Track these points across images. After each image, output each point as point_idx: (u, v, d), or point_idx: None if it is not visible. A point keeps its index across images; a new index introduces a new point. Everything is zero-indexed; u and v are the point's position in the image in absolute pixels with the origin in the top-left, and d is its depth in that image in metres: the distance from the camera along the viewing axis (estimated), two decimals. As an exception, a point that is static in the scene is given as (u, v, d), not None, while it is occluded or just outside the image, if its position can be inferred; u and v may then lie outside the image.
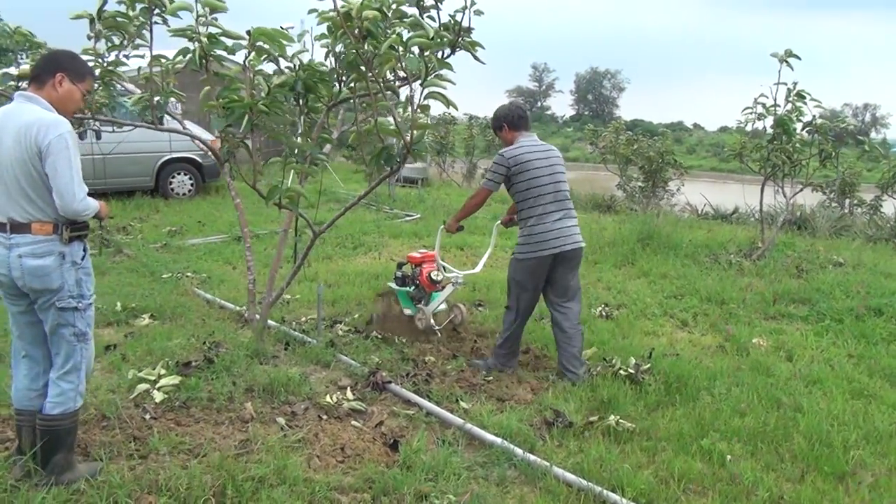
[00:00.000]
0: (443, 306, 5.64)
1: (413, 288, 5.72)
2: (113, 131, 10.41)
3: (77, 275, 3.14)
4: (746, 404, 4.38)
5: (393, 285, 5.87)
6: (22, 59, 6.85)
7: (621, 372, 4.70)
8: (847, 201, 14.29)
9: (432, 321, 5.57)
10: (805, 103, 8.51)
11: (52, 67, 3.12)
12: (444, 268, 5.55)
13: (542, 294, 4.96)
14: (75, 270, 3.13)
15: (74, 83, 3.16)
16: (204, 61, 4.30)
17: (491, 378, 4.79)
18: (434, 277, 5.54)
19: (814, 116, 8.72)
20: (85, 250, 3.20)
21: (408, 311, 5.74)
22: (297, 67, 4.34)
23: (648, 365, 4.83)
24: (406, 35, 3.76)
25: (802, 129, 8.82)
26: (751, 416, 4.20)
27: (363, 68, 3.96)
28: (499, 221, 5.48)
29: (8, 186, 3.03)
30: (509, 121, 4.96)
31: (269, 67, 4.55)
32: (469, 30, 4.07)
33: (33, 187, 3.01)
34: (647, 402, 4.42)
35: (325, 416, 4.06)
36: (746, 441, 3.95)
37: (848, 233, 12.01)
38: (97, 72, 5.10)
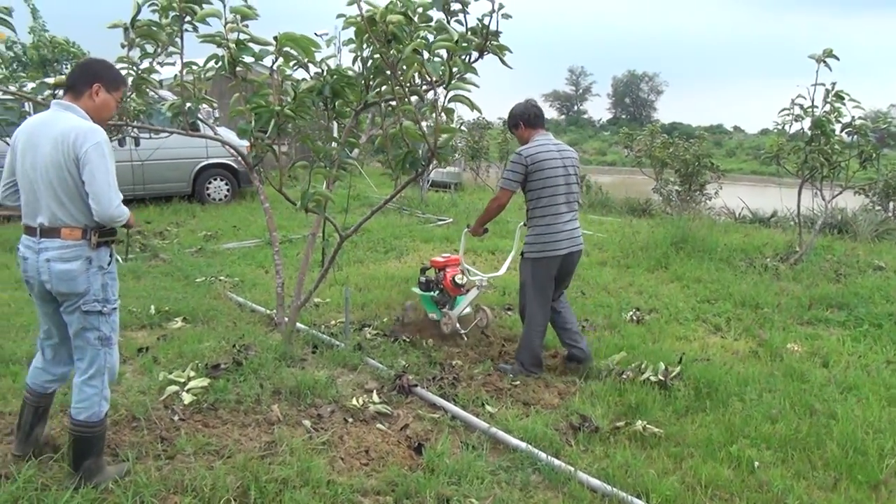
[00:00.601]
0: (468, 310, 5.63)
1: (437, 292, 5.72)
2: (150, 137, 10.69)
3: (103, 279, 3.21)
4: (778, 410, 4.29)
5: (417, 290, 5.87)
6: (64, 68, 7.04)
7: (650, 377, 4.64)
8: (891, 204, 13.93)
9: (458, 325, 5.56)
10: (844, 104, 8.33)
11: (88, 78, 3.19)
12: (468, 271, 5.56)
13: None
14: (102, 275, 3.19)
15: (110, 92, 3.24)
16: (234, 67, 4.37)
17: (518, 382, 4.77)
18: (458, 281, 5.54)
19: (853, 117, 8.53)
20: (111, 255, 3.26)
21: (433, 316, 5.75)
22: (325, 72, 4.38)
23: (678, 370, 4.76)
24: (431, 39, 3.78)
25: (842, 131, 8.63)
26: (782, 423, 4.12)
27: (388, 72, 3.98)
28: (522, 223, 5.47)
29: (41, 191, 3.10)
30: (525, 119, 4.96)
31: (300, 74, 4.60)
32: (497, 33, 4.07)
33: (67, 193, 3.07)
34: (676, 407, 4.36)
35: (350, 419, 4.09)
36: (777, 448, 3.87)
37: (891, 236, 11.70)
38: (130, 80, 5.22)
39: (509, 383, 4.76)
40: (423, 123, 4.01)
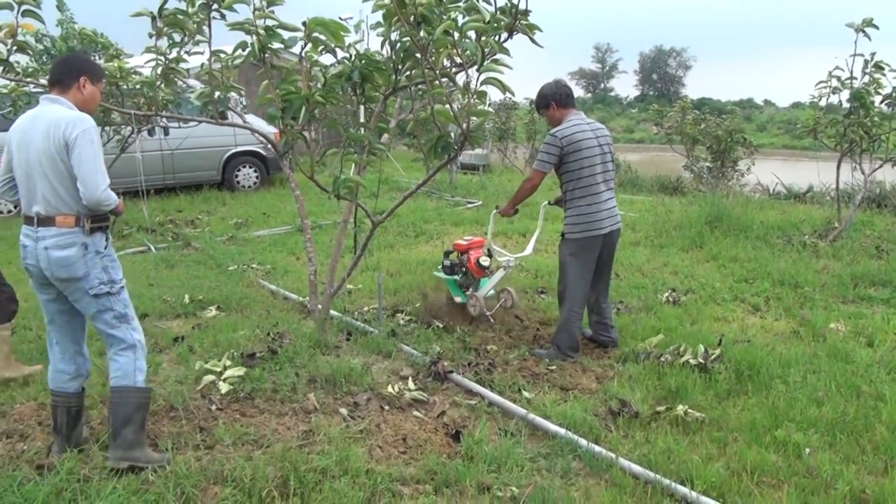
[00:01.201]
0: (492, 291, 5.59)
1: (461, 275, 5.69)
2: (179, 127, 10.74)
3: (103, 262, 3.32)
4: (824, 393, 4.19)
5: (441, 273, 5.83)
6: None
7: (690, 360, 4.56)
8: (931, 177, 13.57)
9: (481, 303, 5.52)
10: (884, 74, 8.09)
11: (74, 72, 3.34)
12: (496, 252, 5.52)
13: None
14: (100, 259, 3.31)
15: (95, 84, 3.40)
16: (262, 54, 4.33)
17: (554, 367, 4.72)
18: (482, 263, 5.50)
19: (894, 88, 8.27)
20: (107, 240, 3.37)
21: (458, 299, 5.72)
22: (353, 57, 4.33)
23: (718, 352, 4.67)
24: (461, 20, 3.70)
25: (882, 102, 8.39)
26: (828, 406, 4.02)
27: (418, 55, 3.91)
28: (546, 202, 5.43)
29: (36, 182, 3.23)
30: (557, 99, 4.90)
31: (326, 59, 4.55)
32: (526, 12, 3.99)
33: (60, 180, 3.20)
34: (717, 391, 4.28)
35: (386, 407, 4.07)
36: (824, 432, 3.77)
37: (933, 210, 11.40)
38: (159, 70, 5.21)
39: (545, 368, 4.71)
40: (455, 105, 3.94)
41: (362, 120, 4.75)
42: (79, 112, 3.26)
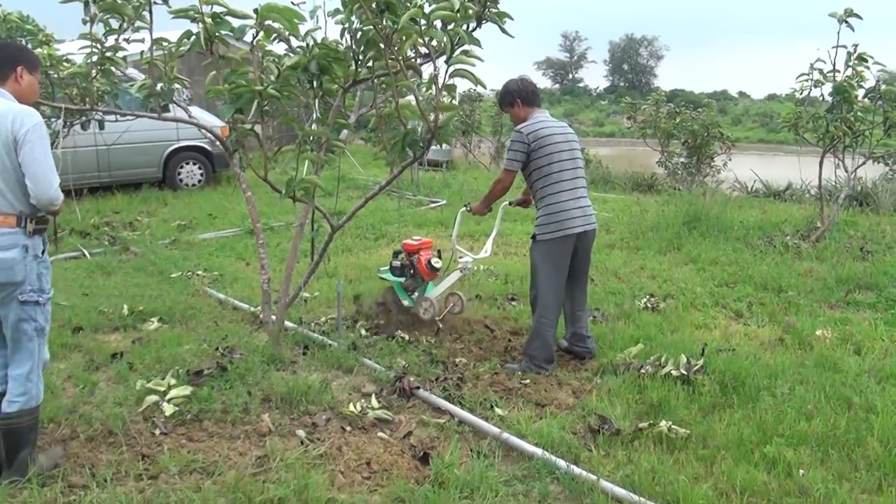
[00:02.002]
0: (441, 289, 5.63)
1: (408, 278, 5.68)
2: (116, 120, 10.49)
3: (38, 268, 3.29)
4: (813, 405, 4.22)
5: (389, 276, 5.79)
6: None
7: (672, 372, 4.56)
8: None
9: (435, 306, 5.53)
10: (867, 67, 8.24)
11: (9, 61, 3.31)
12: (458, 252, 5.58)
13: None
14: (37, 264, 3.27)
15: (32, 73, 3.36)
16: (209, 44, 4.22)
17: (528, 381, 4.69)
18: (434, 265, 5.53)
19: (877, 81, 8.44)
20: (44, 244, 3.33)
21: (405, 303, 5.71)
22: (309, 47, 4.24)
23: (701, 362, 4.69)
24: (428, 7, 3.65)
25: (865, 96, 8.55)
26: (819, 419, 4.05)
27: (382, 45, 3.85)
28: (506, 202, 5.47)
29: None
30: (523, 96, 4.96)
31: (279, 48, 4.46)
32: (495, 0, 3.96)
33: (4, 178, 3.15)
34: (702, 404, 4.29)
35: (348, 428, 4.00)
36: (815, 447, 3.80)
37: (915, 208, 11.66)
38: (95, 58, 5.06)
39: (519, 382, 4.68)
40: (419, 99, 3.88)
41: (318, 114, 4.67)
42: (24, 105, 3.21)
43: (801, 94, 8.80)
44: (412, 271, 5.66)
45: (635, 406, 4.30)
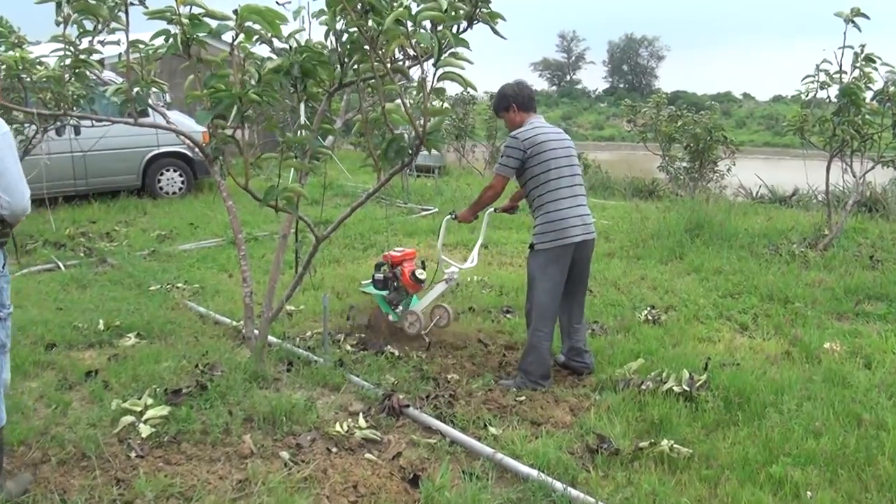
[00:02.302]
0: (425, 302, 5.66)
1: (391, 291, 5.69)
2: (93, 125, 10.46)
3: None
4: (821, 422, 4.21)
5: (371, 289, 5.80)
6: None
7: (674, 388, 4.55)
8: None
9: (422, 322, 5.55)
10: (875, 68, 8.27)
11: None
12: (444, 262, 5.63)
13: None
14: None
15: None
16: (186, 46, 4.20)
17: (523, 398, 4.68)
18: (419, 276, 5.56)
19: (886, 83, 8.47)
20: (4, 257, 3.29)
21: (390, 317, 5.73)
22: (292, 49, 4.23)
23: (704, 378, 4.68)
24: (415, 8, 3.64)
25: (873, 99, 8.58)
26: (827, 437, 4.03)
27: (367, 47, 3.84)
28: (492, 209, 5.49)
29: None
30: (519, 101, 4.99)
31: (262, 50, 4.44)
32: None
33: None
34: (705, 421, 4.28)
35: (334, 449, 3.97)
36: (823, 467, 3.78)
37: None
38: (68, 61, 5.04)
39: (514, 399, 4.66)
40: (408, 101, 3.88)
41: (303, 119, 4.66)
42: None
43: (806, 96, 8.84)
44: (395, 284, 5.66)
45: (635, 424, 4.28)
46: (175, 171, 13.12)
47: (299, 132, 4.57)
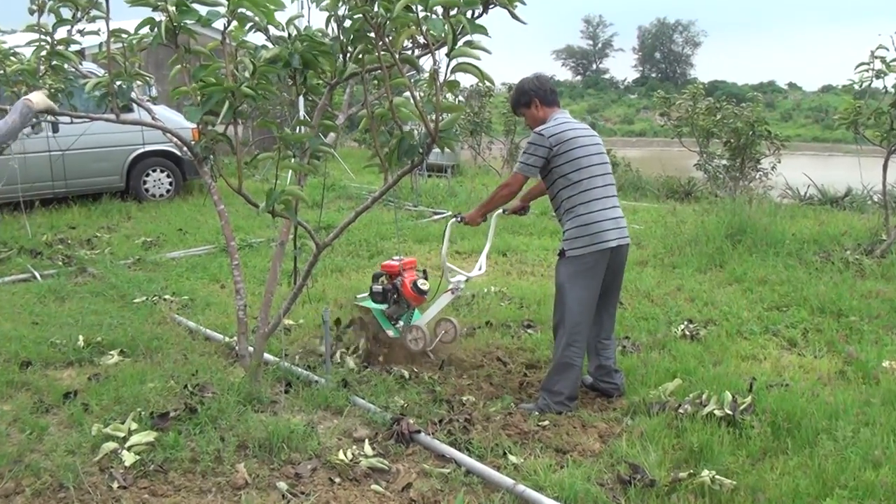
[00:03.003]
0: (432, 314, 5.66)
1: (390, 305, 5.72)
2: (72, 122, 10.51)
3: None
4: (881, 451, 4.16)
5: (369, 303, 5.83)
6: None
7: (715, 411, 4.52)
8: None
9: (427, 338, 5.55)
10: (938, 54, 8.22)
11: None
12: (448, 270, 5.60)
13: None
14: None
15: None
16: (174, 35, 4.22)
17: (546, 422, 4.66)
18: (420, 287, 5.56)
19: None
20: None
21: (389, 333, 5.75)
22: (290, 38, 4.24)
23: (749, 400, 4.64)
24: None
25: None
26: (887, 467, 3.99)
27: (373, 35, 3.84)
28: (500, 210, 5.50)
29: None
30: (541, 95, 5.00)
31: (257, 38, 4.46)
32: (505, -19, 3.95)
33: None
34: (750, 450, 4.24)
35: (337, 479, 3.97)
36: (884, 500, 3.74)
37: None
38: (43, 53, 5.07)
39: (536, 424, 4.65)
40: (418, 95, 3.87)
41: (302, 114, 4.67)
42: None
43: (860, 85, 8.78)
44: (396, 296, 5.67)
45: (672, 452, 4.25)
46: (162, 171, 13.17)
47: (298, 129, 4.59)
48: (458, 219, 5.46)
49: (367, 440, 4.36)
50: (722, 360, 5.66)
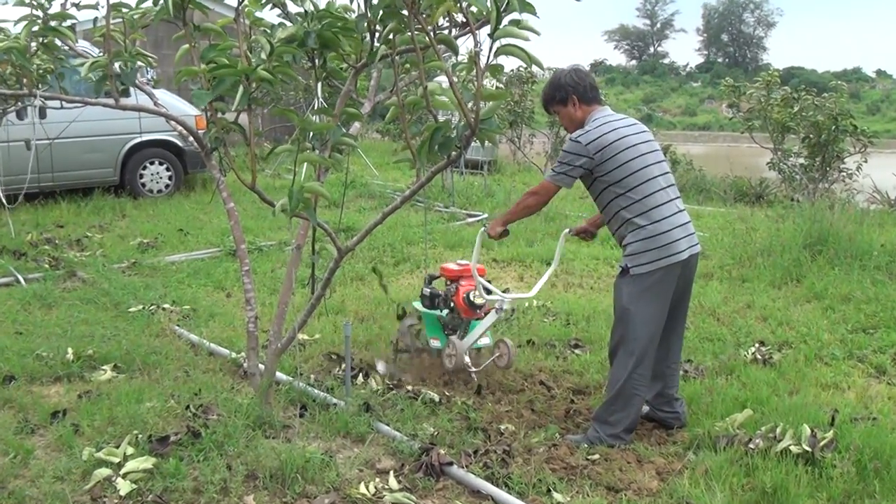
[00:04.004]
0: (485, 340, 5.65)
1: (447, 312, 5.72)
2: (62, 107, 10.66)
3: None
4: (985, 496, 4.13)
5: (418, 305, 5.87)
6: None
7: (791, 447, 4.49)
8: None
9: (467, 359, 5.55)
10: None
11: None
12: (482, 287, 5.54)
13: None
14: None
15: None
16: (182, 11, 4.28)
17: (596, 456, 4.66)
18: (473, 300, 5.54)
19: None
20: None
21: (434, 343, 5.78)
22: (309, 14, 4.27)
23: (831, 435, 4.61)
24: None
25: None
26: None
27: (405, 13, 3.87)
28: (567, 230, 5.51)
29: None
30: (580, 91, 4.96)
31: (270, 16, 4.50)
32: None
33: None
34: (832, 492, 4.21)
35: (358, 516, 3.99)
36: None
37: None
38: (35, 28, 5.15)
39: (585, 458, 4.65)
40: (454, 84, 3.89)
41: (318, 102, 4.70)
42: None
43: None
44: (450, 305, 5.68)
45: (741, 493, 4.23)
46: (161, 163, 13.30)
47: (315, 118, 4.61)
48: (484, 228, 5.44)
49: (391, 472, 4.37)
50: (799, 388, 5.63)
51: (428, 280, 5.90)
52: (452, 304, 5.67)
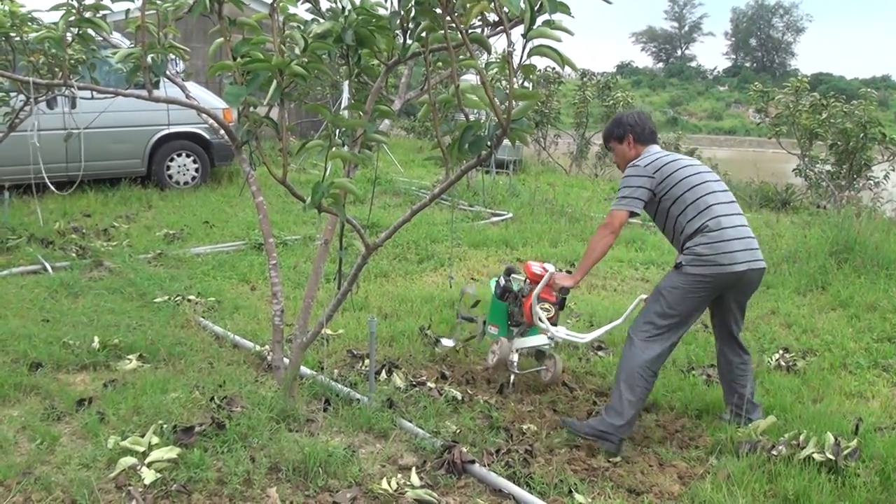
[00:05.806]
0: (543, 340, 5.65)
1: (517, 308, 5.71)
2: (92, 97, 10.73)
3: None
4: None
5: (492, 286, 5.94)
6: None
7: (814, 455, 4.47)
8: None
9: (514, 358, 5.55)
10: None
11: None
12: (540, 319, 5.44)
13: None
14: None
15: None
16: (218, 4, 4.30)
17: (618, 459, 4.66)
18: (539, 315, 5.46)
19: None
20: None
21: (492, 330, 5.81)
22: (343, 11, 4.29)
23: (854, 444, 4.59)
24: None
25: None
26: None
27: (438, 11, 3.87)
28: (642, 296, 5.38)
29: None
30: (637, 132, 5.12)
31: (306, 14, 4.52)
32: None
33: None
34: (854, 501, 4.19)
35: (380, 511, 4.00)
36: None
37: None
38: (71, 18, 5.19)
39: (606, 460, 4.64)
40: (487, 83, 3.89)
41: (345, 99, 4.71)
42: None
43: None
44: (519, 303, 5.68)
45: (764, 500, 4.22)
46: (188, 156, 13.31)
47: (345, 114, 4.63)
48: (557, 269, 5.45)
49: (413, 469, 4.38)
50: (823, 396, 5.62)
51: (507, 272, 5.90)
52: (521, 304, 5.66)
